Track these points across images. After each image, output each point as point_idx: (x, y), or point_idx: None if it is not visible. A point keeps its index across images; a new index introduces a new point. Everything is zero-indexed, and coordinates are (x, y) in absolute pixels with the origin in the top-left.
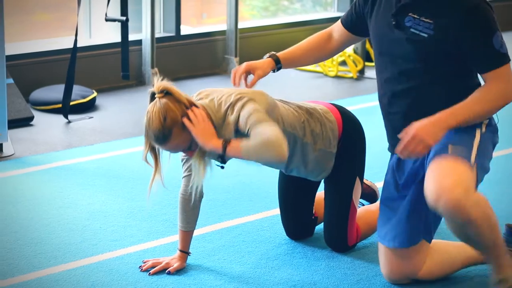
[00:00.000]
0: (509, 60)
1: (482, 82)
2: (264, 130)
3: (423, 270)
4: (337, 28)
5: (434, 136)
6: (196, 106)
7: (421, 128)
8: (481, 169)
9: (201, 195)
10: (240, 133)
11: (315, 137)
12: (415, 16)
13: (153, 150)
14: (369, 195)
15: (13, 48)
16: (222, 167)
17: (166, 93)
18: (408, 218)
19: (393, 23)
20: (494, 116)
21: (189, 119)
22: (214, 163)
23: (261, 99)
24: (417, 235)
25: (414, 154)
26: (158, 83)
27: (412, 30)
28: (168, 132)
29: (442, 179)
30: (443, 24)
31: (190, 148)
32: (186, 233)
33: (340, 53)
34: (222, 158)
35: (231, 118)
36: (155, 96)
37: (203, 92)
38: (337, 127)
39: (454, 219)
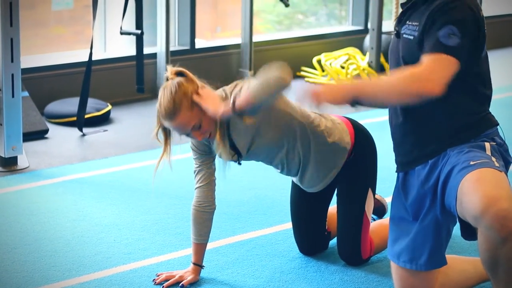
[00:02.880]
0: (448, 53)
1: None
2: (266, 71)
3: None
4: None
5: (333, 96)
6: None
7: (326, 85)
8: (506, 171)
9: (213, 208)
10: (250, 151)
11: (328, 131)
12: (409, 22)
13: (164, 129)
14: (378, 209)
15: (28, 61)
16: (240, 163)
17: (179, 74)
18: (426, 244)
19: (394, 33)
20: (501, 133)
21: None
22: (226, 166)
23: None
24: (435, 263)
25: (306, 98)
26: (172, 68)
27: (404, 36)
28: (178, 105)
29: (489, 190)
30: (425, 23)
31: (200, 128)
32: (200, 246)
33: (355, 67)
34: (240, 116)
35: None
36: (169, 78)
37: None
38: (349, 135)
39: (496, 233)
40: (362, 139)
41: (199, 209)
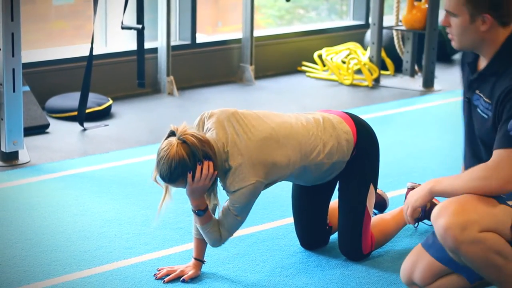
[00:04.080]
0: None
1: None
2: (225, 229)
3: (433, 285)
4: None
5: (417, 199)
6: (209, 157)
7: (411, 193)
8: None
9: (215, 205)
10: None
11: (329, 154)
12: (480, 94)
13: None
14: (379, 203)
15: (29, 55)
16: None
17: (184, 142)
18: None
19: (466, 100)
20: None
21: (193, 174)
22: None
23: (265, 171)
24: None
25: (409, 218)
26: (183, 128)
27: (478, 110)
28: (174, 179)
29: (450, 201)
30: (497, 109)
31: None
32: (201, 241)
33: (356, 62)
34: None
35: (230, 180)
36: (175, 138)
37: (213, 117)
38: (352, 136)
39: (444, 243)
40: (364, 136)
41: None
